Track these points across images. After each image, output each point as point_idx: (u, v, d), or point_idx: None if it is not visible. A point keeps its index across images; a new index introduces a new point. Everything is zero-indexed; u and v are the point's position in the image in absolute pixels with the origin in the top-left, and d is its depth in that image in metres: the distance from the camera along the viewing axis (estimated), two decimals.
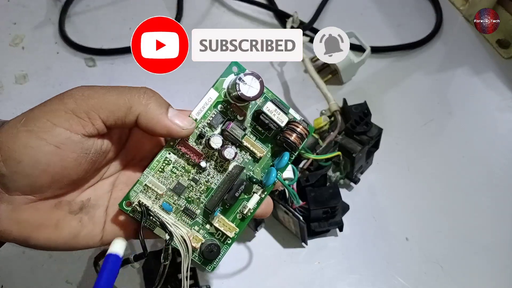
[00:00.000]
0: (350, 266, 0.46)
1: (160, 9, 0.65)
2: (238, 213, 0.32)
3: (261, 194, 0.32)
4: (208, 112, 0.31)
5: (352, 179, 0.49)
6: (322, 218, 0.45)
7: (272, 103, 0.31)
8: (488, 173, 0.52)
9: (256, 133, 0.32)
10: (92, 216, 0.29)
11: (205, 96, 0.31)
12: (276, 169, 0.32)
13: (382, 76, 0.60)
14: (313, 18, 0.63)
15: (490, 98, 0.59)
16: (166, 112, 0.29)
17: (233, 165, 0.32)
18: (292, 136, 0.31)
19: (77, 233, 0.29)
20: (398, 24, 0.65)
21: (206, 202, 0.31)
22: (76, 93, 0.27)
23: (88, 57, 0.59)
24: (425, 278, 0.46)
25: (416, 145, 0.54)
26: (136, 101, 0.28)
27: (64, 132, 0.26)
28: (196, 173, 0.31)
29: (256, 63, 0.60)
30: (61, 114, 0.26)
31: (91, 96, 0.27)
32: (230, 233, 0.32)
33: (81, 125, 0.26)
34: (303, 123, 0.32)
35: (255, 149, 0.32)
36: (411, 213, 0.49)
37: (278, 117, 0.31)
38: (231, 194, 0.30)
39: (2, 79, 0.57)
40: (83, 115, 0.26)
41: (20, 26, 0.62)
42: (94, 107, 0.27)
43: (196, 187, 0.31)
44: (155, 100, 0.29)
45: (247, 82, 0.30)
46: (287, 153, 0.32)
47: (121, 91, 0.28)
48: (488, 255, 0.47)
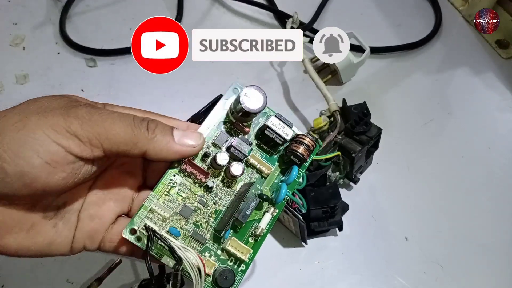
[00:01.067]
0: (350, 266, 0.46)
1: (160, 9, 0.65)
2: (250, 235, 0.31)
3: (272, 212, 0.31)
4: (212, 133, 0.31)
5: (352, 179, 0.49)
6: (322, 217, 0.45)
7: (276, 117, 0.31)
8: (488, 173, 0.52)
9: (261, 151, 0.32)
10: (66, 221, 0.28)
11: (208, 117, 0.31)
12: (286, 184, 0.31)
13: (381, 76, 0.60)
14: (313, 19, 0.63)
15: (490, 98, 0.59)
16: (172, 138, 0.28)
17: (241, 185, 0.31)
18: (300, 148, 0.31)
19: (51, 240, 0.27)
20: (398, 24, 0.65)
21: (215, 225, 0.30)
22: (83, 114, 0.26)
23: (89, 57, 0.59)
24: (425, 278, 0.46)
25: (416, 145, 0.54)
26: (141, 136, 0.27)
27: (60, 150, 0.25)
28: (203, 194, 0.30)
29: (256, 63, 0.60)
30: (63, 132, 0.25)
31: (98, 123, 0.26)
32: (244, 256, 0.30)
33: (80, 149, 0.25)
34: (310, 136, 0.32)
35: (262, 166, 0.31)
36: (410, 213, 0.49)
37: (283, 131, 0.31)
38: (243, 213, 0.29)
39: (2, 79, 0.57)
40: (86, 140, 0.25)
41: (20, 26, 0.62)
42: (100, 135, 0.26)
43: (204, 209, 0.30)
44: (159, 130, 0.28)
45: (250, 96, 0.30)
46: (295, 166, 0.32)
47: (127, 123, 0.27)
48: (488, 255, 0.47)
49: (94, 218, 0.29)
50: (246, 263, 0.30)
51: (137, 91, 0.57)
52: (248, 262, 0.30)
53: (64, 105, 0.26)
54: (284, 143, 0.31)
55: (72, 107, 0.26)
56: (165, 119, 0.31)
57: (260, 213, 0.31)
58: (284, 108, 0.56)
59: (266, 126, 0.31)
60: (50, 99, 0.26)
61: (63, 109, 0.25)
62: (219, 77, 0.59)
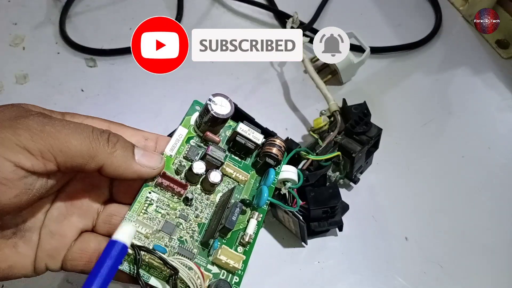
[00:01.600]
0: (350, 266, 0.46)
1: (160, 9, 0.65)
2: (238, 245, 0.30)
3: (257, 217, 0.31)
4: (182, 148, 0.31)
5: (352, 179, 0.49)
6: (322, 218, 0.45)
7: (243, 124, 0.32)
8: (488, 173, 0.52)
9: (234, 160, 0.32)
10: (27, 240, 0.26)
11: (175, 133, 0.31)
12: (266, 186, 0.31)
13: (381, 76, 0.60)
14: (313, 19, 0.63)
15: (490, 98, 0.59)
16: (132, 156, 0.26)
17: (220, 195, 0.31)
18: (273, 149, 0.32)
19: (13, 262, 0.25)
20: (398, 24, 0.65)
21: (201, 239, 0.29)
22: (34, 126, 0.23)
23: (89, 57, 0.59)
24: (425, 278, 0.46)
25: (416, 145, 0.54)
26: (100, 149, 0.25)
27: (9, 165, 0.22)
28: (183, 209, 0.29)
29: (256, 63, 0.60)
30: (12, 146, 0.22)
31: (51, 134, 0.23)
32: (237, 264, 0.29)
33: (31, 163, 0.23)
34: (279, 137, 0.32)
35: (238, 174, 0.32)
36: (411, 213, 0.49)
37: (253, 136, 0.32)
38: (229, 219, 0.28)
39: (2, 79, 0.57)
40: (37, 153, 0.23)
41: (20, 26, 0.62)
42: (52, 148, 0.23)
43: (187, 224, 0.29)
44: (120, 145, 0.26)
45: (217, 103, 0.30)
46: (271, 169, 0.32)
47: (84, 135, 0.24)
48: (488, 255, 0.47)
49: (55, 235, 0.27)
50: (239, 274, 0.29)
51: (137, 91, 0.57)
52: (242, 273, 0.29)
53: (13, 116, 0.24)
54: (256, 148, 0.32)
55: (22, 117, 0.24)
56: (132, 131, 0.29)
57: (244, 221, 0.31)
58: (284, 108, 0.56)
59: (237, 133, 0.31)
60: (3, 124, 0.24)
61: (12, 120, 0.23)
62: (219, 77, 0.59)
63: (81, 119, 0.28)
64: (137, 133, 0.30)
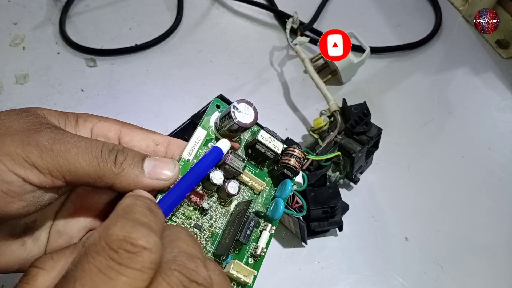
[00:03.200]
0: (350, 266, 0.46)
1: (160, 9, 0.65)
2: (249, 256, 0.30)
3: (270, 230, 0.30)
4: (200, 151, 0.30)
5: (352, 179, 0.49)
6: (322, 218, 0.45)
7: (264, 131, 0.30)
8: (488, 173, 0.53)
9: (251, 167, 0.31)
10: (36, 239, 0.26)
11: (193, 135, 0.30)
12: (282, 199, 0.30)
13: (381, 76, 0.60)
14: (313, 19, 0.63)
15: (490, 98, 0.59)
16: (142, 171, 0.26)
17: (235, 204, 0.30)
18: (291, 160, 0.30)
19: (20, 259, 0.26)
20: (398, 24, 0.65)
21: (214, 249, 0.29)
22: (44, 143, 0.23)
23: (89, 57, 0.59)
24: (425, 278, 0.46)
25: (416, 145, 0.54)
26: (107, 170, 0.24)
27: (17, 180, 0.23)
28: (197, 218, 0.29)
29: (256, 63, 0.60)
30: (20, 161, 0.23)
31: (60, 154, 0.23)
32: (248, 279, 0.28)
33: (39, 179, 0.23)
34: (299, 147, 0.31)
35: (255, 182, 0.31)
36: (410, 213, 0.49)
37: (273, 145, 0.30)
38: (243, 233, 0.28)
39: (2, 79, 0.57)
40: (45, 171, 0.23)
41: (20, 26, 0.62)
42: (61, 167, 0.23)
43: (200, 234, 0.29)
44: (127, 164, 0.25)
45: (241, 110, 0.29)
46: (288, 180, 0.31)
47: (93, 156, 0.24)
48: (488, 255, 0.47)
49: (62, 235, 0.27)
50: (249, 286, 0.29)
51: (137, 91, 0.57)
52: (251, 285, 0.29)
53: (26, 128, 0.24)
54: (275, 157, 0.31)
55: (34, 131, 0.24)
56: (142, 134, 0.29)
57: (257, 231, 0.30)
58: (284, 108, 0.56)
59: (257, 140, 0.30)
60: (12, 117, 0.24)
61: (24, 134, 0.23)
62: (219, 77, 0.59)
63: (94, 121, 0.28)
64: (147, 136, 0.29)
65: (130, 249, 0.19)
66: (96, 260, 0.18)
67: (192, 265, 0.20)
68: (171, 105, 0.56)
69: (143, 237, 0.19)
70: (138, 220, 0.20)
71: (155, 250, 0.19)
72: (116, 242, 0.19)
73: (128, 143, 0.28)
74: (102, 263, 0.18)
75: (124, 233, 0.19)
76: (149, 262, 0.19)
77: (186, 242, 0.22)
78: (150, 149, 0.28)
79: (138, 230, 0.19)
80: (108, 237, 0.19)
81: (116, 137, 0.28)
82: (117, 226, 0.19)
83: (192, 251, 0.21)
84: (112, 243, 0.19)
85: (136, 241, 0.19)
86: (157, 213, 0.22)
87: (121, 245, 0.18)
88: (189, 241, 0.22)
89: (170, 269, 0.19)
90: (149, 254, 0.19)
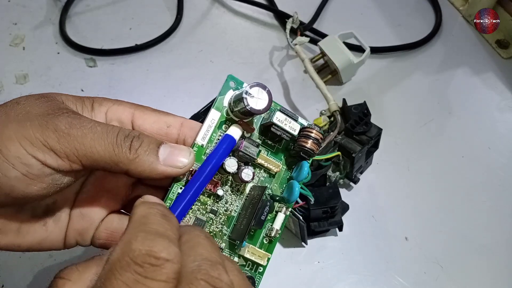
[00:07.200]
0: (350, 266, 0.46)
1: (160, 9, 0.65)
2: (264, 237, 0.30)
3: (285, 211, 0.30)
4: (214, 135, 0.29)
5: (352, 179, 0.49)
6: (322, 218, 0.45)
7: (281, 112, 0.29)
8: (488, 173, 0.53)
9: (267, 147, 0.30)
10: (57, 220, 0.28)
11: (206, 118, 0.29)
12: (298, 181, 0.30)
13: (381, 76, 0.60)
14: (313, 19, 0.63)
15: (490, 98, 0.59)
16: (157, 158, 0.26)
17: (250, 186, 0.30)
18: (308, 143, 0.29)
19: (42, 239, 0.27)
20: (398, 24, 0.65)
21: (229, 233, 0.29)
22: (62, 127, 0.24)
23: (89, 57, 0.59)
24: (425, 278, 0.46)
25: (416, 145, 0.54)
26: (122, 156, 0.25)
27: (36, 163, 0.23)
28: (213, 203, 0.29)
29: (256, 63, 0.60)
30: (39, 145, 0.23)
31: (77, 138, 0.24)
32: (262, 261, 0.29)
33: (57, 163, 0.24)
34: (316, 128, 0.30)
35: (271, 165, 0.30)
36: (410, 213, 0.49)
37: (290, 126, 0.29)
38: (257, 219, 0.28)
39: (2, 79, 0.57)
40: (63, 155, 0.24)
41: (20, 26, 0.62)
42: (78, 151, 0.24)
43: (216, 219, 0.29)
44: (142, 150, 0.26)
45: (254, 95, 0.27)
46: (305, 162, 0.30)
47: (109, 141, 0.25)
48: (488, 255, 0.47)
49: (84, 217, 0.29)
50: (263, 266, 0.30)
51: (137, 91, 0.57)
52: (266, 265, 0.30)
53: (44, 112, 0.25)
54: (292, 139, 0.30)
55: (53, 115, 0.24)
56: (155, 116, 0.29)
57: (272, 212, 0.30)
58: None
59: (272, 123, 0.29)
60: (32, 102, 0.25)
61: (42, 118, 0.24)
62: (219, 77, 0.58)
63: (109, 104, 0.28)
64: (160, 119, 0.29)
65: (154, 262, 0.19)
66: (123, 276, 0.19)
67: (215, 272, 0.21)
68: (171, 105, 0.56)
69: (164, 250, 0.20)
70: (157, 232, 0.21)
71: (176, 260, 0.20)
72: (140, 257, 0.19)
73: (140, 126, 0.29)
74: (129, 278, 0.19)
75: (146, 247, 0.19)
76: (173, 273, 0.19)
77: (206, 247, 0.22)
78: (162, 132, 0.29)
79: (159, 242, 0.20)
80: (131, 252, 0.19)
81: (129, 121, 0.29)
82: (138, 241, 0.20)
83: (213, 256, 0.22)
84: (136, 258, 0.19)
85: (159, 254, 0.19)
86: (171, 219, 0.23)
87: (145, 259, 0.19)
88: (208, 246, 0.23)
89: (196, 278, 0.20)
90: (172, 265, 0.19)
